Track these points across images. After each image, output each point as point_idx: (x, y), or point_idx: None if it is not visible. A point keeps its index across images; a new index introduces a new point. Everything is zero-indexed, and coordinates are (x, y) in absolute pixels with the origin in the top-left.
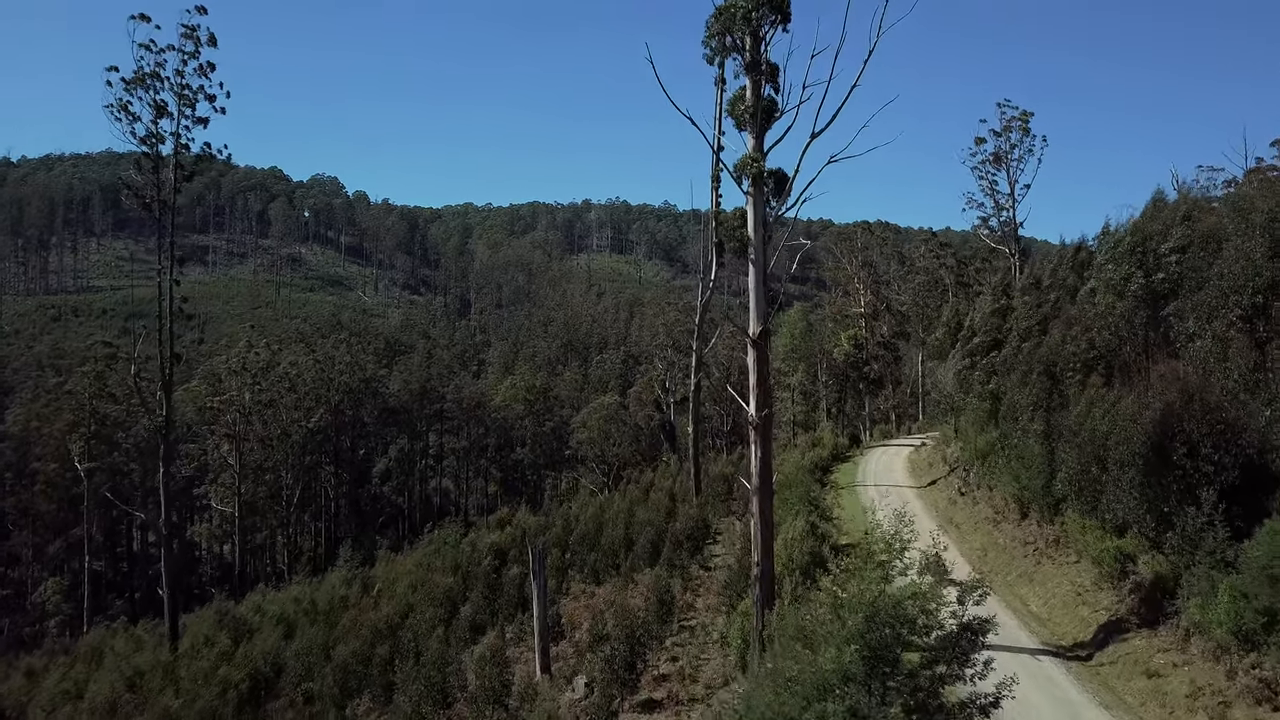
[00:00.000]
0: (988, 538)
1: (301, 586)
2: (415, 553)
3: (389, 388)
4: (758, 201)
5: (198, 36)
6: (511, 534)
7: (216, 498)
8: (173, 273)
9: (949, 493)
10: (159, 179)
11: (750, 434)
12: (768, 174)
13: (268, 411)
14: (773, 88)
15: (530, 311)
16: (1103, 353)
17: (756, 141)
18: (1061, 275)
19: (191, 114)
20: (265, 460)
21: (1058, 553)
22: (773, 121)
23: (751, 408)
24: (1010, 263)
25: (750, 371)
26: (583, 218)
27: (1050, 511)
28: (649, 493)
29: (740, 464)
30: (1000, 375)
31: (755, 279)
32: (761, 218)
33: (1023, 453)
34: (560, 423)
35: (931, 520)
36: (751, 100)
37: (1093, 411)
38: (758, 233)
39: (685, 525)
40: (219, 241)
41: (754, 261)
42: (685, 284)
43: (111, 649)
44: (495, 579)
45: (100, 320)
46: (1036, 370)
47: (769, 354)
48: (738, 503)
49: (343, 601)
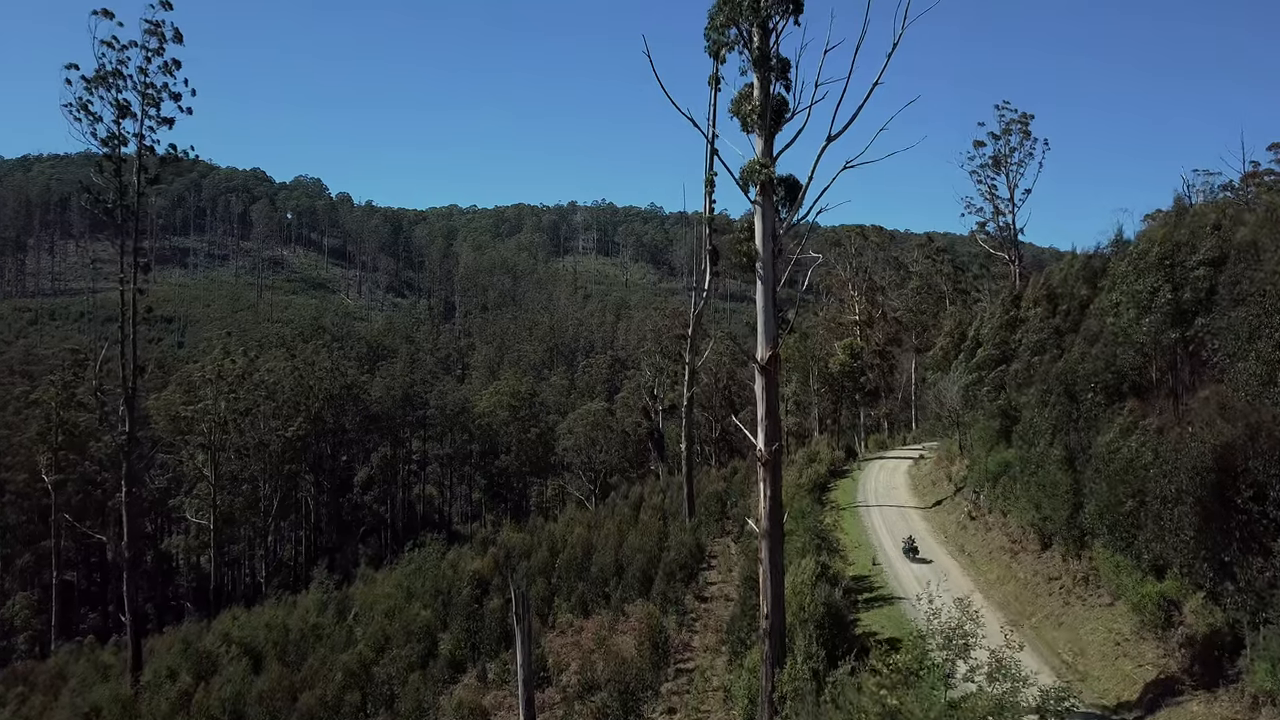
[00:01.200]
0: (1005, 569)
1: (274, 609)
2: (395, 572)
3: (371, 394)
4: (767, 212)
5: (162, 33)
6: (494, 557)
7: (191, 510)
8: (136, 281)
9: (958, 515)
10: (121, 182)
11: (758, 470)
12: (778, 181)
13: (244, 420)
14: (783, 85)
15: (516, 315)
16: (1126, 372)
17: (765, 145)
18: (1073, 286)
19: (156, 114)
20: (242, 470)
21: (1088, 592)
22: (783, 123)
23: (760, 441)
24: (1010, 269)
25: (758, 401)
26: (569, 220)
27: (1075, 544)
28: (639, 510)
29: (734, 479)
30: (1011, 391)
31: (764, 298)
32: (771, 230)
33: (1043, 479)
34: (546, 429)
35: (941, 548)
36: (760, 99)
37: (1127, 439)
38: (766, 246)
39: (678, 554)
40: (200, 244)
41: (762, 278)
42: (672, 287)
43: (74, 675)
44: (476, 609)
45: (78, 324)
46: (1056, 390)
47: (779, 381)
48: (732, 522)
49: (314, 631)
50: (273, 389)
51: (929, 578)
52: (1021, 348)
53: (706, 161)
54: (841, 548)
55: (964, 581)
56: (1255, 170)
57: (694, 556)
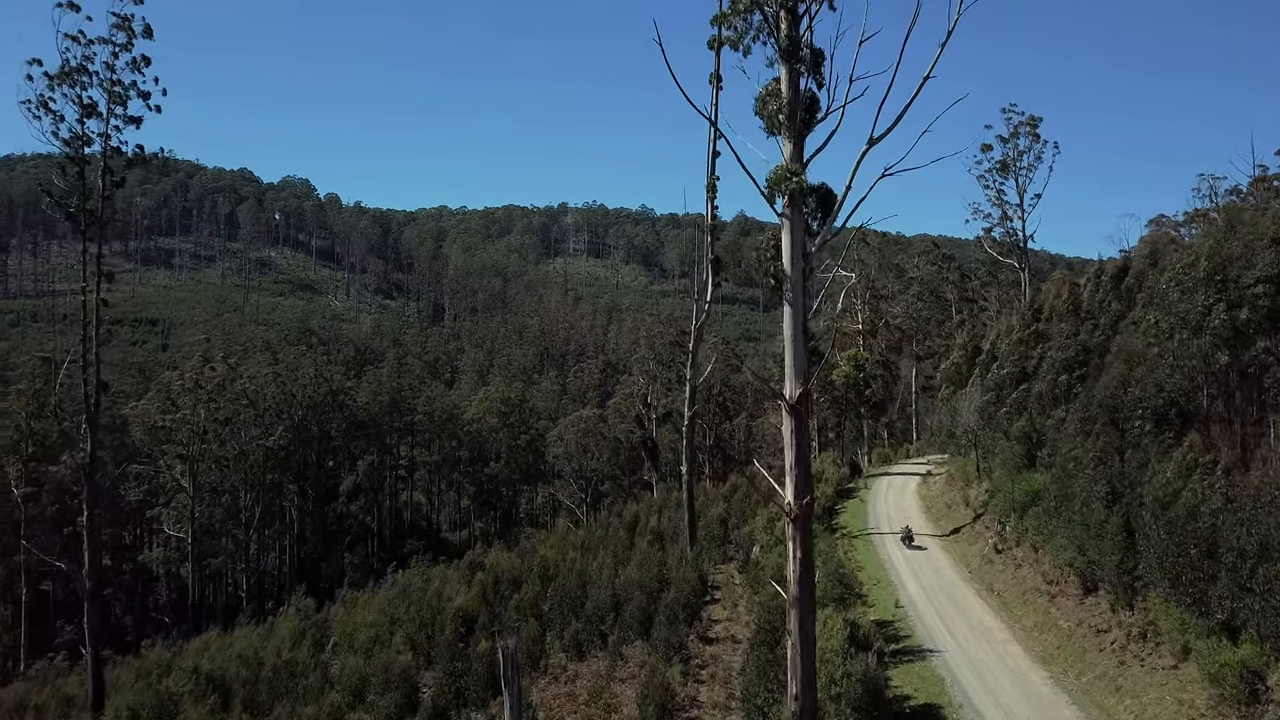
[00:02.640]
0: (1043, 615)
1: (250, 634)
2: (378, 596)
3: (357, 400)
4: (796, 226)
5: (131, 27)
6: (482, 587)
7: (169, 522)
8: (99, 290)
9: (981, 547)
10: (85, 185)
11: (786, 527)
12: (809, 190)
13: (224, 430)
14: (815, 81)
15: (505, 318)
16: (1174, 398)
17: (794, 149)
18: (1101, 299)
19: (123, 112)
20: (222, 481)
21: (1146, 650)
22: (814, 124)
23: (788, 493)
24: (1020, 276)
25: (787, 446)
26: (559, 221)
27: (1127, 592)
28: (634, 530)
29: (734, 498)
30: (1034, 412)
31: (792, 326)
32: (801, 247)
33: (1086, 518)
34: (536, 435)
35: (968, 587)
36: (788, 96)
37: (1188, 479)
38: (796, 266)
39: (680, 590)
40: (186, 244)
41: (791, 302)
42: (663, 289)
43: (34, 708)
44: (462, 648)
45: (60, 326)
46: (1100, 418)
47: (809, 422)
48: (734, 547)
49: (288, 667)
50: (254, 397)
51: (958, 624)
52: (1045, 366)
53: (708, 165)
54: (860, 586)
55: (997, 627)
56: (1264, 174)
57: (697, 592)
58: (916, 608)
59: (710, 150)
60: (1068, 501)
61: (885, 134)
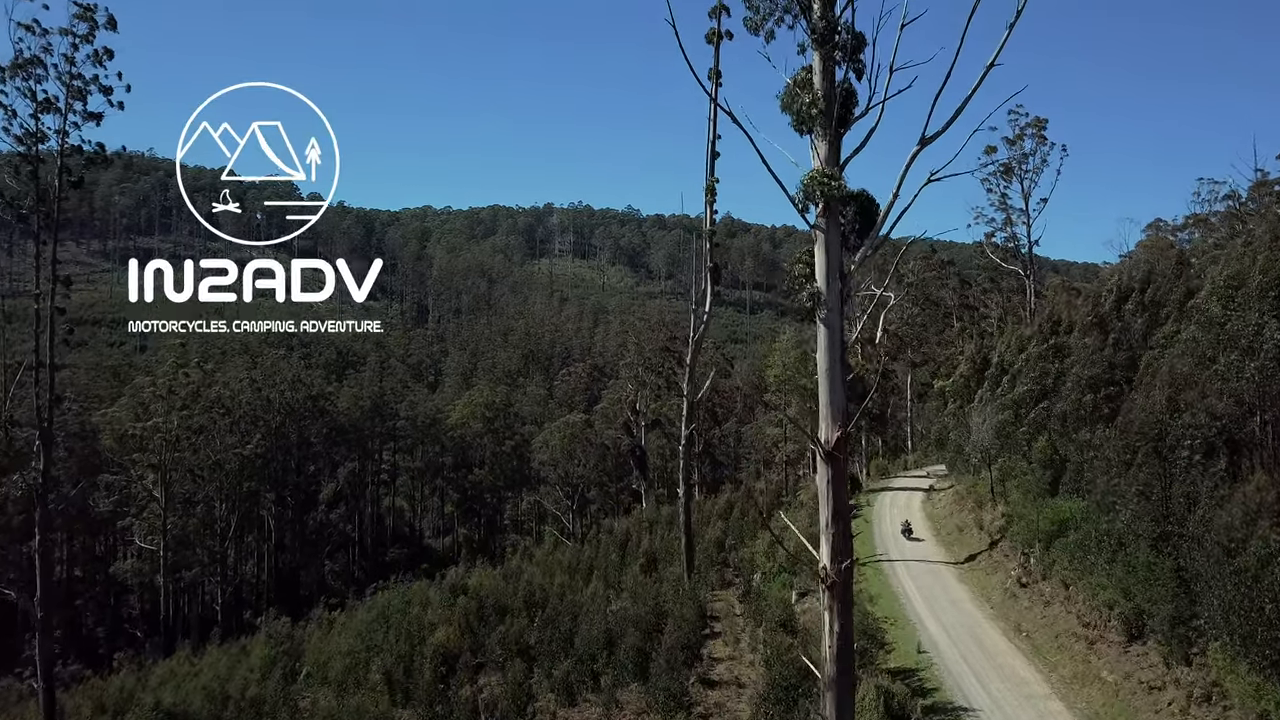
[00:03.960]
0: (1082, 664)
1: (219, 660)
2: (355, 619)
3: (338, 405)
4: (832, 240)
5: (94, 18)
6: (463, 617)
7: (140, 534)
8: (54, 297)
9: (1002, 578)
10: (39, 185)
11: (822, 595)
12: (849, 198)
13: (198, 439)
14: (853, 70)
15: (490, 320)
16: (1226, 425)
17: (830, 149)
18: (1127, 314)
19: (82, 108)
20: (195, 492)
21: (1212, 716)
22: (851, 120)
23: (824, 555)
24: (1025, 283)
25: (822, 499)
26: (544, 222)
27: (1183, 644)
28: (625, 550)
29: (730, 516)
30: (1054, 433)
31: (828, 355)
32: (839, 264)
33: (1131, 560)
34: (521, 441)
35: (993, 626)
36: (823, 87)
37: (1257, 524)
38: (832, 286)
39: (679, 629)
40: (165, 244)
41: (827, 326)
42: (650, 290)
43: None
44: (442, 689)
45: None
46: (1142, 447)
47: (847, 471)
48: (732, 570)
49: (254, 707)
50: (230, 404)
51: (989, 674)
52: (1070, 383)
53: (707, 167)
54: (878, 626)
55: (1032, 678)
56: (1264, 179)
57: (696, 626)
58: (941, 652)
59: (709, 151)
60: (1106, 538)
61: (940, 132)
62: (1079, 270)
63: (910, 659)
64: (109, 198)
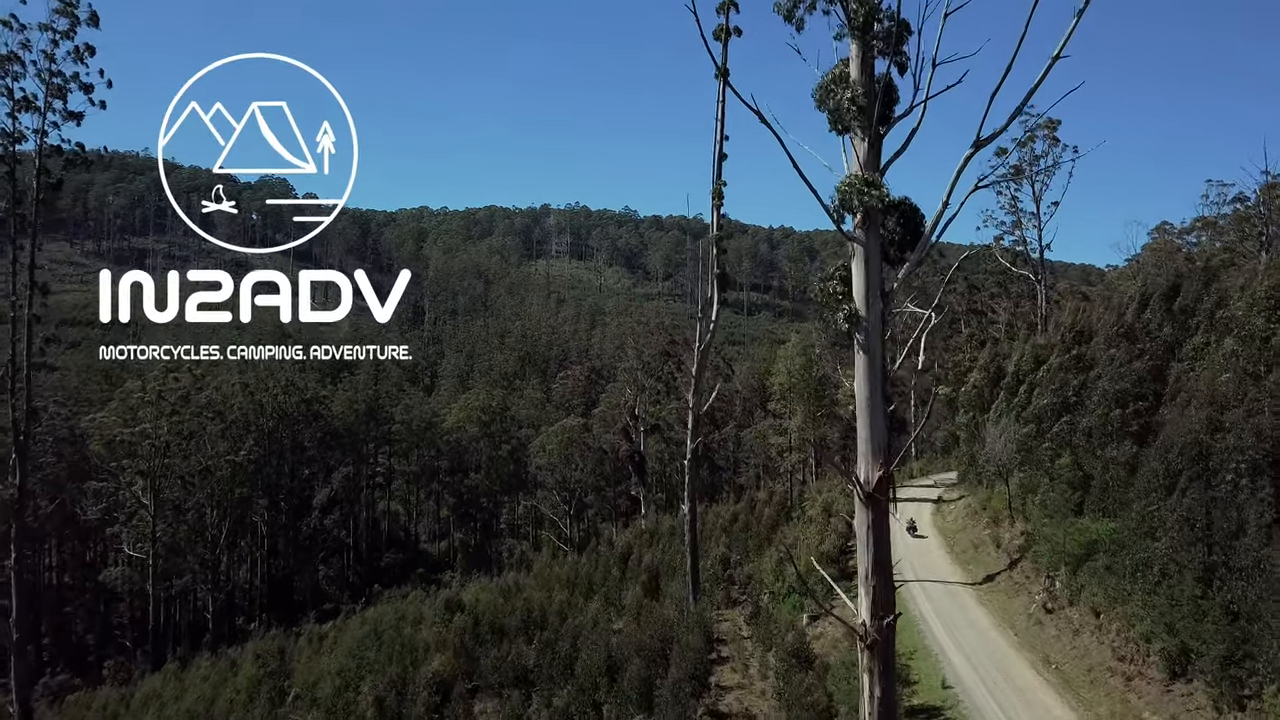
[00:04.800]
0: (1120, 703)
1: (206, 677)
2: (346, 635)
3: (332, 409)
4: (872, 253)
5: (75, 13)
6: (458, 638)
7: (130, 541)
8: (32, 305)
9: (1025, 602)
10: (16, 187)
11: (860, 655)
12: (892, 207)
13: (188, 444)
14: (896, 64)
15: (487, 321)
16: (1274, 446)
17: (870, 151)
18: (1153, 322)
19: (62, 107)
20: (186, 498)
21: None
22: (894, 120)
23: (863, 610)
24: (1036, 289)
25: (861, 545)
26: (541, 223)
27: (1235, 685)
28: (626, 564)
29: (734, 527)
30: (1080, 450)
31: (868, 383)
32: (879, 282)
33: (1176, 594)
34: (518, 444)
35: (1020, 657)
36: (863, 82)
37: None
38: (873, 305)
39: (685, 659)
40: (160, 245)
41: (866, 351)
42: (647, 292)
43: None
44: (435, 719)
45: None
46: (1185, 470)
47: (888, 514)
48: (739, 588)
49: None
50: (221, 408)
51: (1021, 714)
52: (1095, 397)
53: (714, 169)
54: (900, 660)
55: (1067, 717)
56: (1274, 181)
57: (703, 652)
58: (967, 688)
59: (716, 152)
60: (1144, 566)
61: (998, 133)
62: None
63: (935, 694)
64: (103, 198)
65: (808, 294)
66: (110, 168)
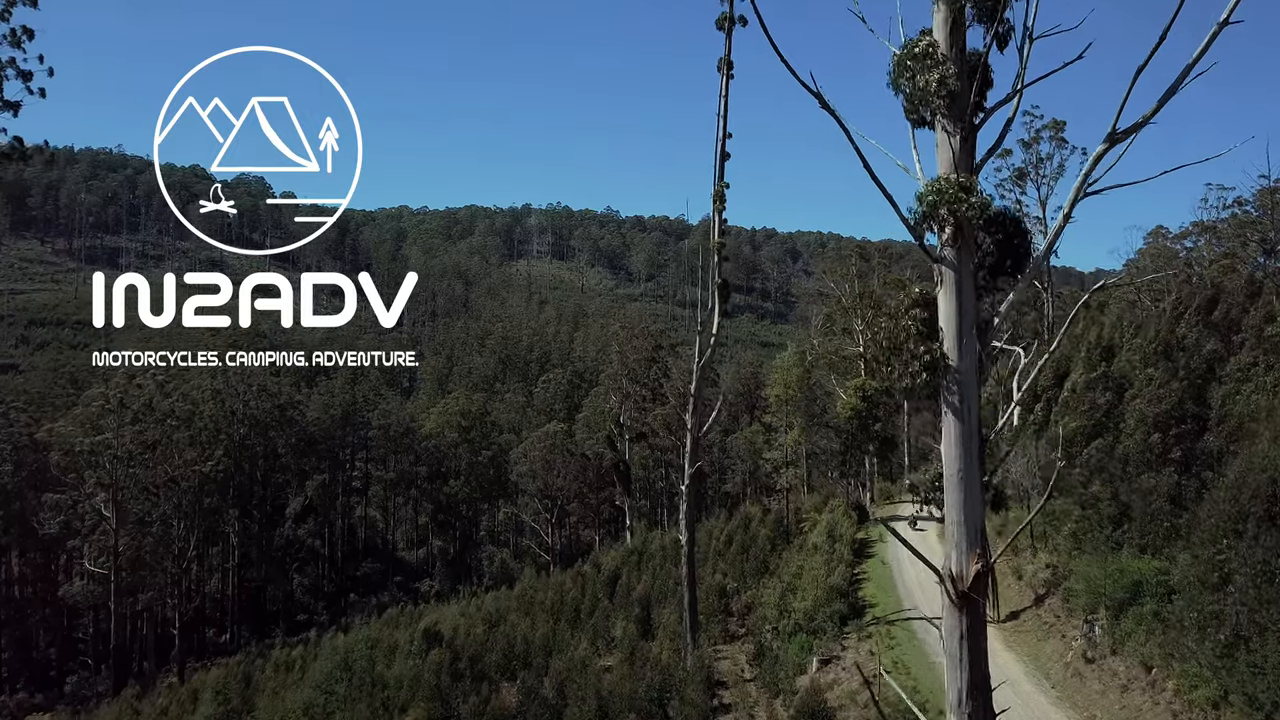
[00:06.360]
0: None
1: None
2: (317, 663)
3: (307, 414)
4: (965, 279)
5: None
6: (437, 668)
7: (91, 557)
8: None
9: (1058, 647)
10: None
11: None
12: (993, 220)
13: (152, 454)
14: (996, 37)
15: (467, 323)
16: None
17: (963, 146)
18: (1190, 337)
19: None
20: (150, 511)
21: None
22: (989, 110)
23: None
24: (1042, 297)
25: (950, 665)
26: (522, 223)
27: None
28: (613, 589)
29: (729, 554)
30: (1117, 477)
31: (961, 449)
32: (973, 316)
33: (1258, 658)
34: (499, 451)
35: (1061, 715)
36: (953, 58)
37: None
38: (966, 349)
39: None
40: (133, 243)
41: (957, 406)
42: (630, 293)
43: None
44: None
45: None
46: (1255, 512)
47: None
48: (737, 620)
49: None
50: (188, 416)
51: None
52: (1131, 420)
53: (716, 169)
54: None
55: None
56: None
57: (704, 709)
58: None
59: (718, 152)
60: (1213, 620)
61: (1142, 125)
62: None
63: None
64: (75, 195)
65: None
66: (78, 163)
